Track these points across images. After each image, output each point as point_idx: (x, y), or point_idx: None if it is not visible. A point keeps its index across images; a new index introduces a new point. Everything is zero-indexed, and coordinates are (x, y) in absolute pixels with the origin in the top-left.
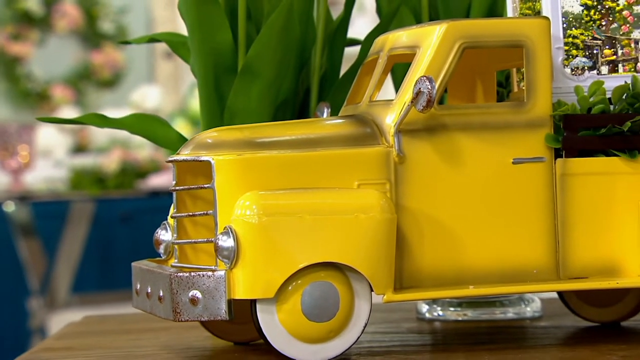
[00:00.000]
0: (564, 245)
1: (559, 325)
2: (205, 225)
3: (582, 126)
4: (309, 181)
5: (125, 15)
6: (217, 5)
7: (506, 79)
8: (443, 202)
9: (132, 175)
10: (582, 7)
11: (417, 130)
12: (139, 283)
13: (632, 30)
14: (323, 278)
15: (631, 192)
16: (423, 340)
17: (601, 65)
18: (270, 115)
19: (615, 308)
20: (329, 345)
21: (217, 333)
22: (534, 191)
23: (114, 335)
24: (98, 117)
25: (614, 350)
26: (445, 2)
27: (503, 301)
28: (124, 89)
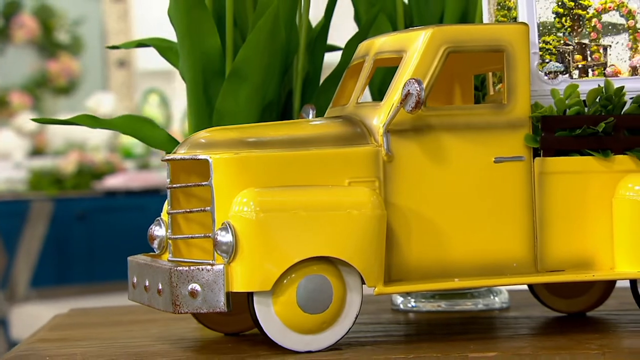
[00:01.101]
0: (542, 240)
1: (529, 315)
2: (198, 221)
3: (558, 127)
4: (302, 179)
5: (80, 26)
6: (206, 11)
7: (482, 83)
8: (429, 199)
9: (88, 176)
10: (554, 14)
11: (405, 131)
12: (135, 276)
13: (601, 37)
14: (317, 272)
15: (604, 190)
16: (405, 330)
17: (573, 70)
18: (257, 116)
19: (582, 299)
20: (322, 336)
21: (209, 324)
22: (514, 189)
23: (103, 327)
24: (90, 118)
25: (590, 339)
26: (419, 10)
27: (473, 293)
28: (79, 95)
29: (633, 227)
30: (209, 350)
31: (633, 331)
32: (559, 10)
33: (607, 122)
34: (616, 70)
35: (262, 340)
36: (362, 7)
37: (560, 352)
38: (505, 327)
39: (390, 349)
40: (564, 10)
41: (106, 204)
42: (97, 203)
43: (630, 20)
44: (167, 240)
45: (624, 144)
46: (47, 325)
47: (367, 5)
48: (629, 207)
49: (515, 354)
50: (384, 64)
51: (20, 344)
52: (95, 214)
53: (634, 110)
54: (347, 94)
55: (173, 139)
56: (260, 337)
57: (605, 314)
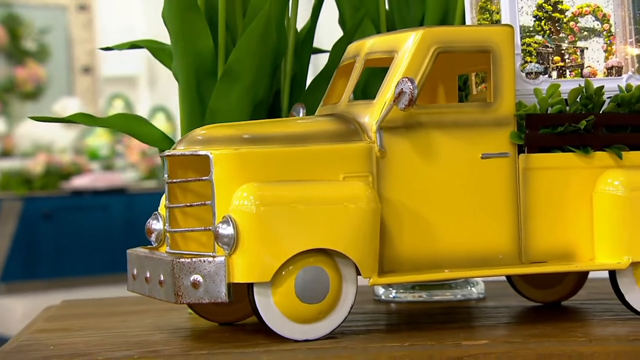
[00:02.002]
0: (526, 232)
1: (507, 305)
2: (194, 215)
3: (542, 125)
4: (299, 174)
5: (46, 35)
6: (200, 14)
7: (464, 83)
8: (420, 193)
9: (55, 176)
10: (534, 18)
11: (397, 128)
12: (135, 268)
13: (578, 39)
14: (314, 263)
15: (584, 185)
16: (393, 320)
17: (551, 71)
18: (249, 115)
19: (557, 289)
20: (319, 325)
21: (204, 314)
22: (499, 184)
23: (98, 318)
24: (86, 116)
25: (573, 327)
26: (400, 14)
27: (451, 284)
28: (46, 100)
29: (612, 220)
30: (208, 339)
31: (611, 319)
32: (538, 13)
33: (587, 120)
34: (592, 71)
35: (258, 329)
36: (347, 11)
37: (549, 339)
38: (488, 316)
39: (384, 337)
40: (543, 13)
41: (73, 203)
42: (64, 202)
43: (605, 23)
44: (164, 233)
45: (603, 141)
46: (42, 317)
47: (352, 9)
48: (608, 201)
49: (506, 341)
50: (374, 64)
51: (17, 334)
52: (62, 213)
53: (612, 109)
54: (337, 93)
55: (166, 136)
56: (256, 326)
57: (578, 304)
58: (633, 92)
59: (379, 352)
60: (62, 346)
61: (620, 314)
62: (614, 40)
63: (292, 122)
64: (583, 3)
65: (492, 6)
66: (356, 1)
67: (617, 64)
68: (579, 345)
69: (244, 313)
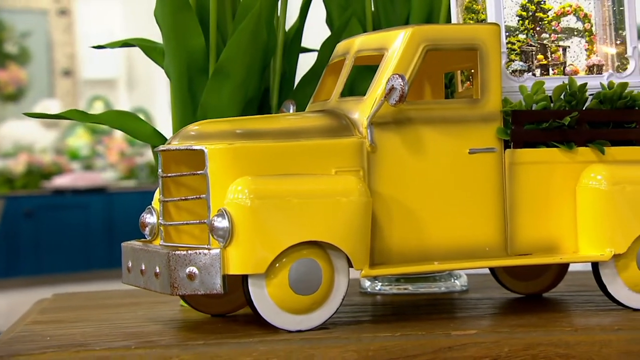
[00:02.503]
0: (512, 225)
1: (490, 297)
2: (187, 209)
3: (527, 121)
4: (292, 168)
5: (27, 38)
6: (192, 13)
7: (450, 80)
8: (409, 187)
9: (37, 176)
10: (518, 17)
11: (387, 123)
12: (130, 261)
13: (561, 38)
14: (307, 255)
15: (568, 179)
16: (381, 311)
17: (535, 69)
18: (239, 111)
19: (538, 281)
20: (312, 316)
21: (196, 306)
22: (486, 178)
23: (91, 310)
24: (79, 113)
25: (558, 318)
26: (386, 14)
27: (435, 276)
28: (26, 102)
29: (595, 213)
30: (202, 330)
31: (593, 310)
32: (522, 13)
33: (571, 116)
34: (574, 70)
35: (250, 321)
36: (335, 11)
37: (535, 329)
38: (473, 307)
39: (376, 328)
40: (526, 13)
41: (54, 202)
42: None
43: (587, 23)
44: (158, 226)
45: (586, 137)
46: (35, 309)
47: (339, 9)
48: (591, 195)
49: (494, 331)
50: (364, 61)
51: (12, 326)
52: (43, 211)
53: (595, 106)
54: (326, 90)
55: (158, 132)
56: (248, 317)
57: (559, 295)
58: (615, 89)
59: (372, 342)
60: (59, 337)
61: (601, 305)
62: (594, 40)
63: (284, 118)
64: (565, 3)
65: (477, 6)
66: (343, 1)
67: (598, 63)
68: (565, 334)
69: (236, 305)
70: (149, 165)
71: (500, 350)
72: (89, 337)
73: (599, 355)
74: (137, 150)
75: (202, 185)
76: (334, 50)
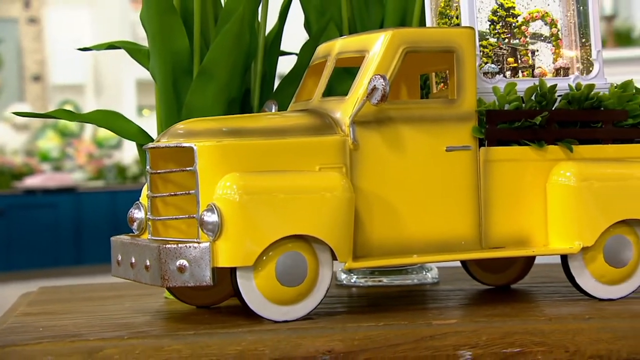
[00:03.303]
0: (486, 220)
1: (461, 288)
2: (174, 204)
3: (501, 120)
4: (278, 165)
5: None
6: (176, 15)
7: (424, 82)
8: (389, 183)
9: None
10: (489, 22)
11: (369, 122)
12: (120, 254)
13: (529, 42)
14: (293, 249)
15: (539, 176)
16: (359, 302)
17: (506, 71)
18: (223, 111)
19: (507, 273)
20: (298, 307)
21: (182, 298)
22: (462, 175)
23: (78, 302)
24: (67, 112)
25: (530, 308)
26: (361, 19)
27: (408, 269)
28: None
29: (564, 208)
30: (190, 320)
31: (561, 300)
32: (493, 18)
33: (542, 115)
34: (542, 72)
35: (235, 312)
36: (312, 15)
37: (511, 318)
38: (446, 298)
39: (359, 318)
40: (497, 18)
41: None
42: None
43: (553, 28)
44: (146, 221)
45: (556, 136)
46: (23, 302)
47: (317, 14)
48: (560, 191)
49: (472, 320)
50: (345, 63)
51: (2, 318)
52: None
53: (564, 106)
54: (307, 91)
55: (143, 131)
56: (233, 308)
57: (526, 287)
58: (582, 90)
59: (356, 332)
60: (51, 328)
61: (568, 295)
62: (561, 44)
63: (269, 117)
64: (533, 9)
65: (451, 11)
66: (320, 6)
67: (565, 65)
68: (540, 323)
69: (220, 297)
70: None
71: (478, 339)
72: (81, 328)
73: (572, 343)
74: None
75: (189, 182)
76: (315, 53)
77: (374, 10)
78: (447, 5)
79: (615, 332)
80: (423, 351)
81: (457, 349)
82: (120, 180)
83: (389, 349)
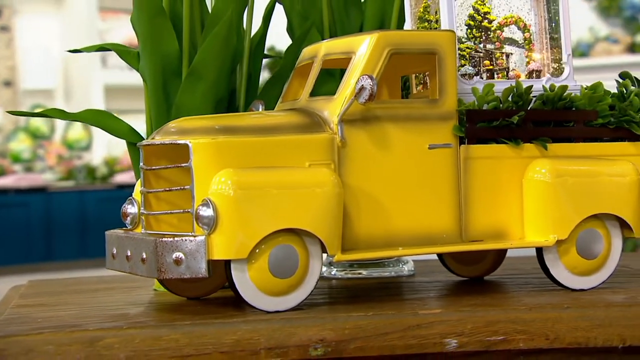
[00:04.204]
0: (466, 214)
1: (438, 280)
2: (166, 199)
3: (480, 119)
4: (269, 161)
5: None
6: (166, 19)
7: (404, 84)
8: (375, 179)
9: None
10: (466, 26)
11: (356, 120)
12: (115, 248)
13: (503, 46)
14: (285, 242)
15: (516, 173)
16: (340, 294)
17: (482, 73)
18: (211, 110)
19: (480, 266)
20: (289, 297)
21: (173, 289)
22: (443, 171)
23: (70, 295)
24: (59, 111)
25: (508, 297)
26: (341, 23)
27: (385, 262)
28: None
29: (540, 203)
30: (183, 311)
31: (537, 290)
32: (470, 22)
33: (519, 115)
34: (516, 74)
35: (225, 302)
36: (296, 21)
37: (494, 307)
38: (426, 289)
39: (347, 308)
40: (474, 23)
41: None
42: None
43: (526, 32)
44: (139, 216)
45: (531, 134)
46: (14, 295)
47: (299, 18)
48: (536, 186)
49: (457, 310)
50: (331, 64)
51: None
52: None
53: (539, 106)
54: (293, 91)
55: (133, 129)
56: (222, 300)
57: (498, 278)
58: (556, 91)
59: (346, 321)
60: (49, 319)
61: (540, 286)
62: (533, 48)
63: (260, 115)
64: (508, 14)
65: (429, 16)
66: (303, 11)
67: (537, 68)
68: (521, 312)
69: (210, 289)
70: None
71: (464, 327)
72: (79, 319)
73: (552, 331)
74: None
75: (180, 177)
76: (300, 55)
77: (353, 15)
78: (426, 10)
79: (592, 321)
80: (411, 340)
81: (444, 337)
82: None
83: (378, 338)
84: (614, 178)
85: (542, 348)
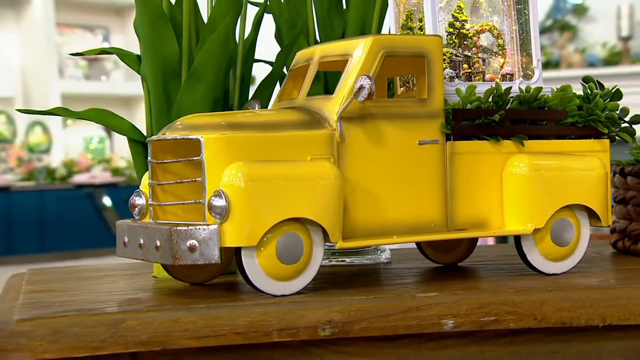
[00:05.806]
0: (452, 205)
1: (416, 266)
2: (172, 192)
3: (464, 118)
4: (274, 155)
5: None
6: (167, 23)
7: (389, 85)
8: (370, 172)
9: None
10: (446, 33)
11: (353, 118)
12: (126, 236)
13: (480, 51)
14: (292, 230)
15: (496, 167)
16: (332, 279)
17: (461, 76)
18: (209, 109)
19: (454, 253)
20: (295, 282)
21: (177, 275)
22: (432, 165)
23: (75, 282)
24: (65, 110)
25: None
26: (325, 31)
27: (363, 250)
28: None
29: (518, 195)
30: (190, 295)
31: (514, 275)
32: (449, 29)
33: (499, 114)
34: (492, 77)
35: (230, 287)
36: (284, 27)
37: (484, 291)
38: (411, 275)
39: (347, 292)
40: (453, 29)
41: None
42: None
43: (500, 39)
44: (147, 207)
45: (509, 132)
46: (18, 282)
47: (287, 25)
48: (515, 179)
49: (451, 293)
50: (327, 66)
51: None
52: None
53: (516, 106)
54: (288, 92)
55: (134, 127)
56: (226, 285)
57: (471, 265)
58: (532, 93)
59: (350, 304)
60: (67, 303)
61: (513, 271)
62: (506, 53)
63: (263, 113)
64: (483, 23)
65: (412, 24)
66: (291, 18)
67: (510, 72)
68: (510, 295)
69: (211, 275)
70: (46, 168)
71: (459, 309)
72: (95, 303)
73: (540, 312)
74: (37, 156)
75: (185, 171)
76: (295, 59)
77: (335, 22)
78: (409, 18)
79: (574, 302)
80: (411, 320)
81: (441, 318)
82: (50, 180)
83: (381, 319)
84: (584, 172)
85: (530, 327)
